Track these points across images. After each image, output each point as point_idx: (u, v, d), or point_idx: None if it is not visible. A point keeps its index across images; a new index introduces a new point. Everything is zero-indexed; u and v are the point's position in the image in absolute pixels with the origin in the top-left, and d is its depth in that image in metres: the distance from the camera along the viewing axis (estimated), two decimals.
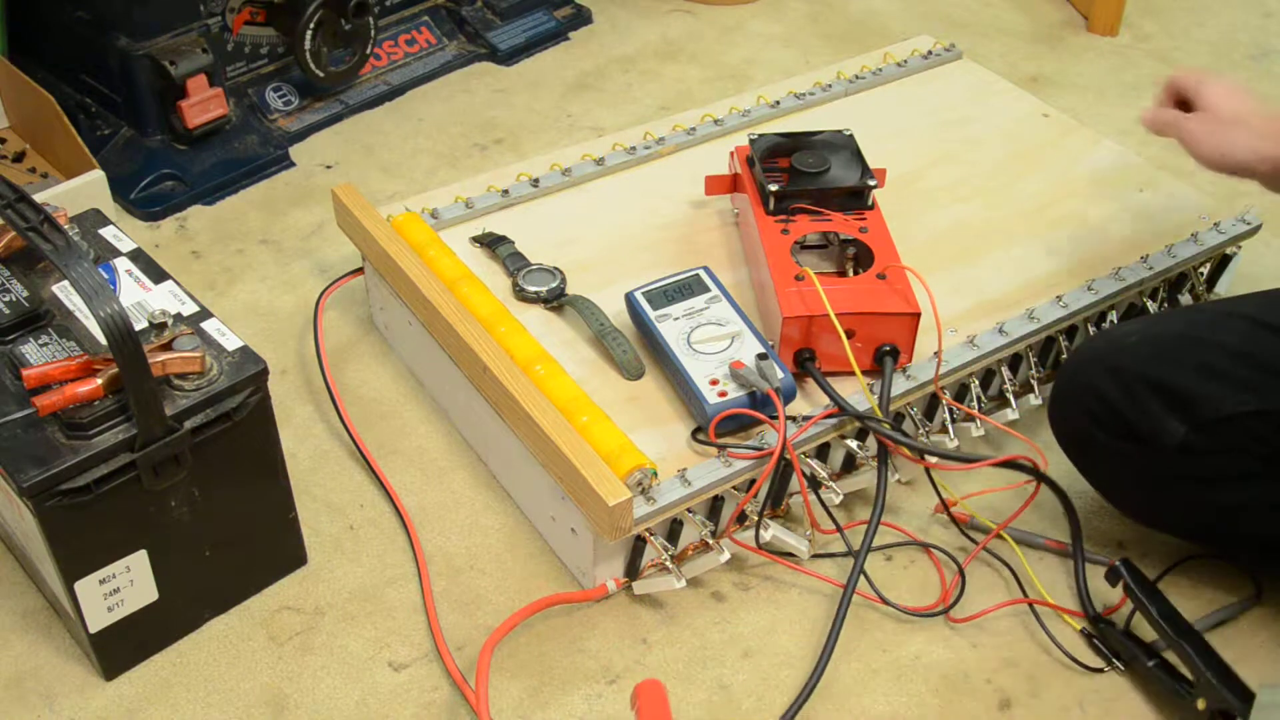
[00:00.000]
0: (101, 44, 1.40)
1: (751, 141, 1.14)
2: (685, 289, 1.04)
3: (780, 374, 0.95)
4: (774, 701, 0.91)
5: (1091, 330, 1.11)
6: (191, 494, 0.88)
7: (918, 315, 0.98)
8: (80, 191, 1.29)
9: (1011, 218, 1.20)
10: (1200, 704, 0.87)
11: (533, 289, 1.09)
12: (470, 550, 1.02)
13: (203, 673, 0.93)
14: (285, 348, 1.22)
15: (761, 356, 0.96)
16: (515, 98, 1.61)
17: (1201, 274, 1.19)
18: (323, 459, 1.10)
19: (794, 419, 0.96)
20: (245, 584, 0.98)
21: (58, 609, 0.95)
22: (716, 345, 0.99)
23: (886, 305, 0.98)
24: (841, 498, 0.98)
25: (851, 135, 1.13)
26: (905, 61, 1.42)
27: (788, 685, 0.92)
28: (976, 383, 1.06)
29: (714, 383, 0.96)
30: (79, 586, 0.85)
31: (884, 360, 0.99)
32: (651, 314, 1.02)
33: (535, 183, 1.22)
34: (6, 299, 0.89)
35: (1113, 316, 1.12)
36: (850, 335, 0.97)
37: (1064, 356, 1.09)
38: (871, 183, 1.08)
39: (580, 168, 1.24)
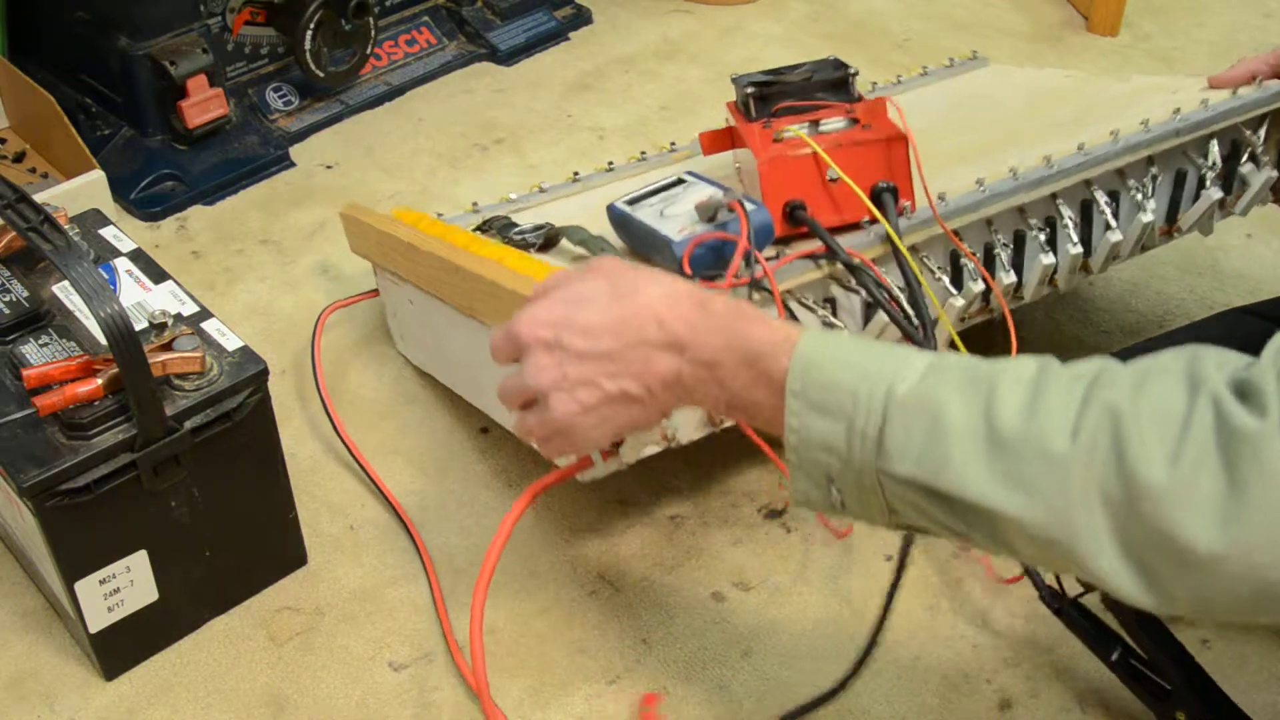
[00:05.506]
0: (101, 44, 1.40)
1: (734, 79, 1.08)
2: (667, 188, 1.00)
3: (746, 200, 0.91)
4: (774, 702, 0.91)
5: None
6: (191, 494, 0.88)
7: (906, 140, 0.95)
8: (80, 191, 1.29)
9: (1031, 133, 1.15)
10: (1180, 716, 0.85)
11: (520, 236, 1.06)
12: (470, 550, 1.02)
13: (203, 673, 0.93)
14: (285, 348, 1.22)
15: (727, 193, 0.92)
16: (515, 98, 1.61)
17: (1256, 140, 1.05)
18: (323, 459, 1.10)
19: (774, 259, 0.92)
20: (245, 584, 0.97)
21: (58, 609, 0.95)
22: (688, 205, 0.95)
23: (871, 135, 0.96)
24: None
25: (840, 60, 1.08)
26: (926, 69, 1.39)
27: (788, 685, 0.92)
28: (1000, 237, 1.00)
29: (683, 230, 0.92)
30: (79, 586, 0.85)
31: (882, 197, 0.95)
32: (630, 210, 0.98)
33: (541, 190, 1.21)
34: (6, 299, 0.89)
35: (1133, 183, 1.04)
36: (836, 182, 0.94)
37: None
38: (853, 71, 1.03)
39: (589, 176, 1.23)
